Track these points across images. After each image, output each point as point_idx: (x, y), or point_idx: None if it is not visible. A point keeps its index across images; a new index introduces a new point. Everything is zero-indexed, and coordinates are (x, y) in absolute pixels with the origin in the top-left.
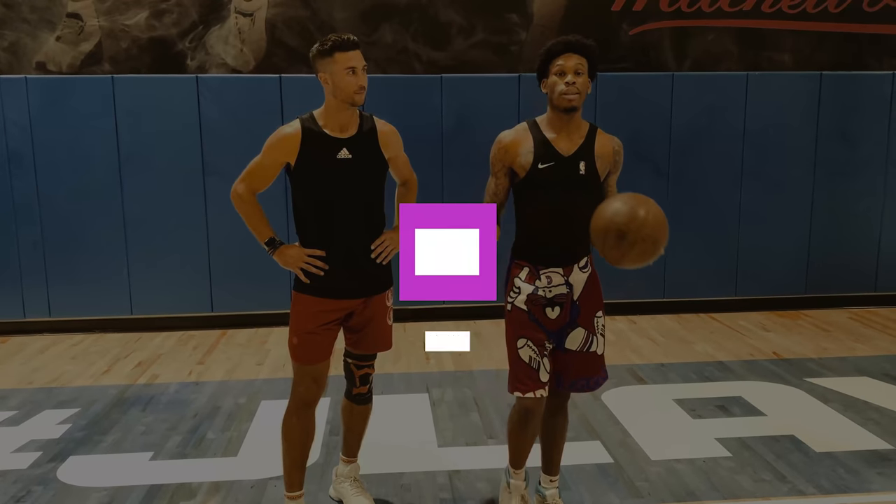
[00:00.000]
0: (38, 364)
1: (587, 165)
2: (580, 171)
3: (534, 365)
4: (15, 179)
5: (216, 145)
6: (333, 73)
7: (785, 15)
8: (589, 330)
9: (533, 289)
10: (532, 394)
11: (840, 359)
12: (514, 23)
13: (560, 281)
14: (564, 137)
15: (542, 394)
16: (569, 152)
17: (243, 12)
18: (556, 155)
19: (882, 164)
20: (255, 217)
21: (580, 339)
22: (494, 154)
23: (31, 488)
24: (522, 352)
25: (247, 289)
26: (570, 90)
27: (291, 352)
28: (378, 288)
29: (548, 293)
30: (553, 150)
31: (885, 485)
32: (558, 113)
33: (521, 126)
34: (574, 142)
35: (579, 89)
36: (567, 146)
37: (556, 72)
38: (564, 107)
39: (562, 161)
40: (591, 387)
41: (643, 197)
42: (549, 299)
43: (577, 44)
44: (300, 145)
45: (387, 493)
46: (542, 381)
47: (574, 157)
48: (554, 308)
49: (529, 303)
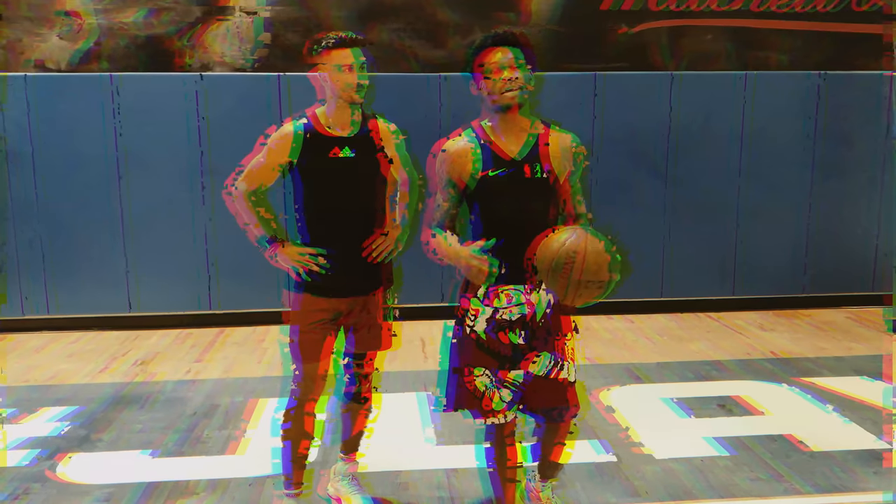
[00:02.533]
0: (35, 362)
1: (540, 167)
2: (535, 174)
3: (488, 394)
4: (13, 177)
5: (215, 144)
6: (330, 71)
7: (782, 15)
8: (556, 354)
9: (492, 311)
10: (484, 421)
11: (837, 358)
12: (511, 21)
13: (521, 300)
14: (512, 139)
15: (494, 421)
16: (518, 155)
17: (243, 11)
18: (504, 160)
19: (879, 164)
20: (252, 215)
21: (545, 364)
22: (440, 166)
23: (29, 486)
24: (479, 381)
25: (245, 287)
26: (511, 85)
27: (289, 350)
28: (375, 286)
29: (506, 314)
30: (500, 154)
31: (880, 484)
32: (500, 113)
33: (463, 133)
34: (523, 143)
35: (522, 82)
36: (515, 148)
37: (492, 69)
38: (506, 104)
39: (512, 165)
40: (557, 418)
41: (580, 234)
42: (509, 321)
43: (510, 36)
44: (301, 143)
45: (385, 492)
46: (496, 409)
47: (524, 160)
48: (516, 331)
49: (489, 329)
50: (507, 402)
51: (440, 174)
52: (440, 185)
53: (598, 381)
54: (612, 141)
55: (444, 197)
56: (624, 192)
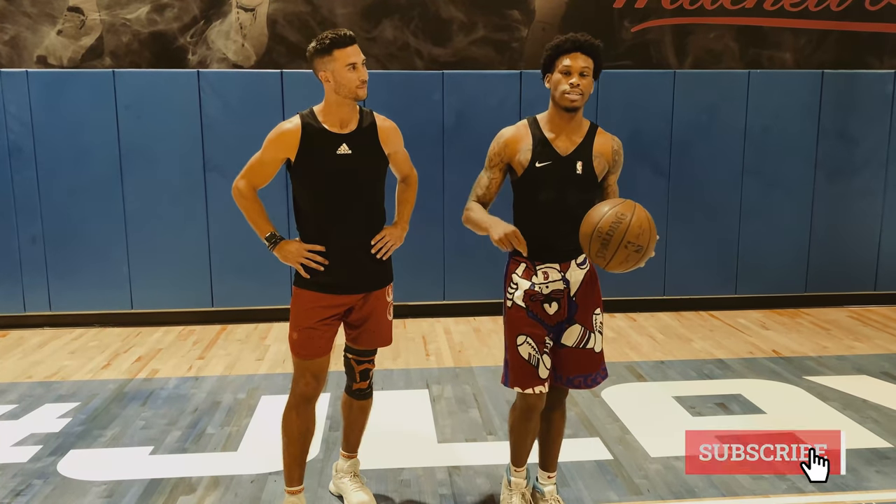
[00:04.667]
0: (37, 358)
1: (584, 165)
2: (577, 170)
3: (533, 362)
4: (15, 173)
5: (217, 140)
6: (334, 70)
7: (786, 13)
8: (586, 327)
9: (530, 284)
10: (531, 390)
11: (839, 357)
12: (516, 19)
13: (557, 276)
14: (564, 137)
15: (541, 390)
16: (567, 152)
17: (244, 7)
18: (553, 154)
19: (882, 163)
20: (255, 212)
21: (576, 335)
22: (493, 149)
23: (31, 482)
24: (522, 349)
25: (247, 284)
26: (573, 91)
27: (291, 347)
28: (378, 283)
29: (544, 289)
30: (551, 149)
31: (883, 483)
32: (559, 111)
33: (521, 123)
34: (573, 141)
35: (583, 91)
36: (566, 145)
37: (562, 70)
38: (566, 106)
39: (559, 161)
40: (590, 384)
41: (630, 203)
42: (546, 295)
43: (587, 44)
44: (300, 141)
45: (386, 489)
46: (542, 377)
47: (572, 157)
48: (551, 304)
49: (527, 299)
50: (549, 369)
51: (491, 155)
52: (488, 164)
53: None
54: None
55: (489, 176)
56: (626, 190)
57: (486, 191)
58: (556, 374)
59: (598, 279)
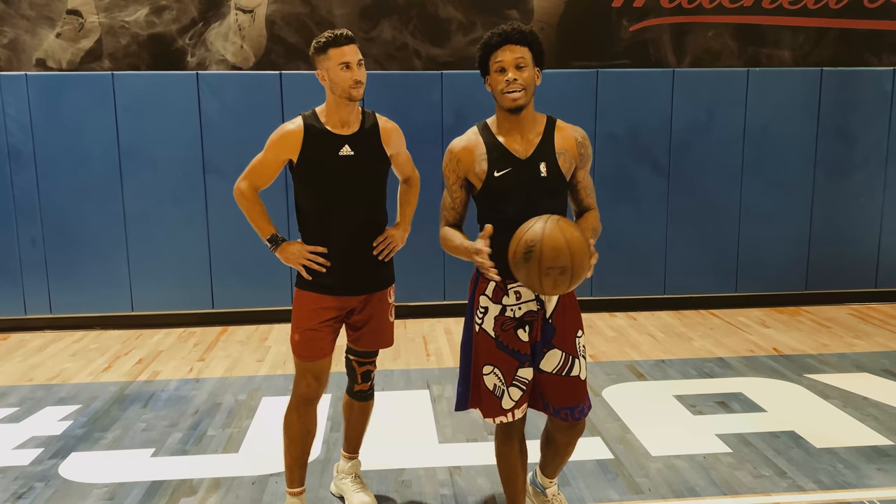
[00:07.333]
0: (38, 361)
1: (548, 165)
2: (541, 173)
3: (497, 393)
4: (15, 176)
5: (216, 142)
6: (329, 69)
7: (785, 11)
8: (568, 352)
9: (500, 308)
10: (491, 420)
11: (839, 355)
12: (514, 19)
13: (530, 297)
14: (519, 138)
15: (502, 420)
16: (526, 154)
17: (243, 9)
18: (512, 159)
19: (882, 161)
20: (257, 214)
21: (557, 361)
22: (446, 165)
23: (33, 485)
24: (488, 378)
25: (247, 285)
26: (512, 87)
27: (293, 348)
28: (379, 285)
29: (517, 311)
30: (508, 153)
31: (884, 480)
32: (506, 113)
33: (471, 130)
34: (531, 141)
35: (524, 84)
36: (523, 147)
37: (496, 68)
38: (509, 106)
39: (519, 165)
40: (577, 416)
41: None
42: (519, 319)
43: (514, 34)
44: (302, 142)
45: (387, 490)
46: (505, 408)
47: (533, 159)
48: (525, 328)
49: (498, 327)
50: (516, 401)
51: (446, 172)
52: (446, 183)
53: (600, 378)
54: (613, 138)
55: (451, 196)
56: (626, 190)
57: (451, 212)
58: (543, 402)
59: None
